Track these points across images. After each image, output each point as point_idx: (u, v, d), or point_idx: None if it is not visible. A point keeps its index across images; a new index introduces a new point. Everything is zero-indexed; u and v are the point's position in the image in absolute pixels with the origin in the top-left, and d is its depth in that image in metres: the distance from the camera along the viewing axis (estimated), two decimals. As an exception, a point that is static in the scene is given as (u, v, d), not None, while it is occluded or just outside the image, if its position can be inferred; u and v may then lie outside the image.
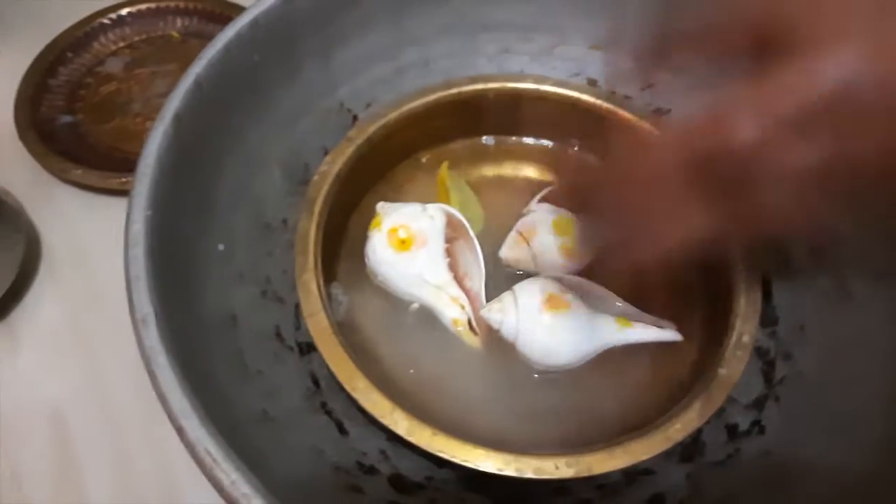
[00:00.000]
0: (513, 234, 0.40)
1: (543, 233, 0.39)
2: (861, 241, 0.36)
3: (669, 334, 0.37)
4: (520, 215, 0.41)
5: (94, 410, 0.41)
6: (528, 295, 0.36)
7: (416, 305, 0.39)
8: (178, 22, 0.59)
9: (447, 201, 0.41)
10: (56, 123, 0.52)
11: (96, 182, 0.48)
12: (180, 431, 0.26)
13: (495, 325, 0.36)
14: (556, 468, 0.30)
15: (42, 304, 0.46)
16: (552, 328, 0.35)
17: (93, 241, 0.48)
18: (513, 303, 0.36)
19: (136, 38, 0.59)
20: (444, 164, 0.43)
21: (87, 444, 0.40)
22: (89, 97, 0.55)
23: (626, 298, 0.39)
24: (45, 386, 0.42)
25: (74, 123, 0.53)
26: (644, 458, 0.31)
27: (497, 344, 0.38)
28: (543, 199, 0.41)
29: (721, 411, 0.36)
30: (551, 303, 0.35)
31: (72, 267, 0.47)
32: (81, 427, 0.41)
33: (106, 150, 0.52)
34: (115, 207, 0.48)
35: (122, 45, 0.58)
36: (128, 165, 0.49)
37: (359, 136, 0.40)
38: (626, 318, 0.37)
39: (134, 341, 0.28)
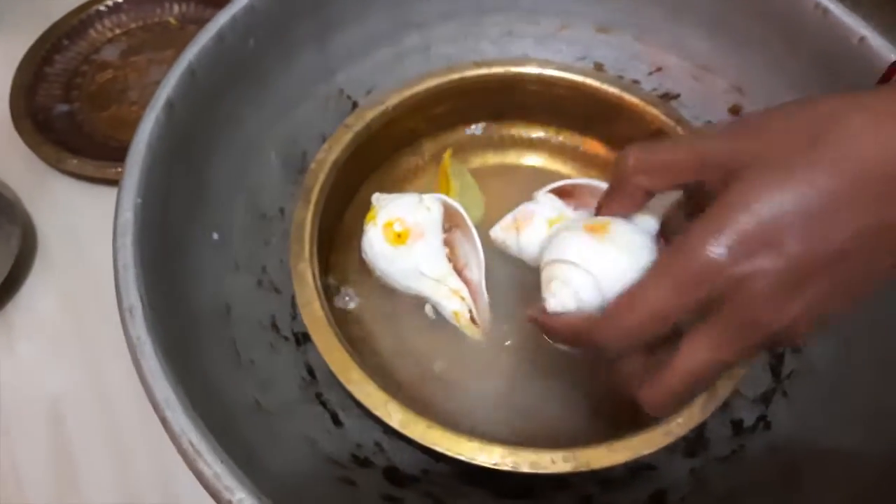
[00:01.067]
0: (508, 218, 0.38)
1: (537, 225, 0.37)
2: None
3: None
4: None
5: (91, 402, 0.41)
6: (576, 247, 0.29)
7: (410, 299, 0.38)
8: (175, 8, 0.58)
9: (447, 190, 0.41)
10: (52, 112, 0.52)
11: (92, 172, 0.48)
12: (164, 422, 0.25)
13: (573, 307, 0.28)
14: (553, 462, 0.30)
15: (38, 295, 0.45)
16: (620, 248, 0.28)
17: (89, 231, 0.47)
18: (573, 268, 0.28)
19: (133, 25, 0.58)
20: (448, 152, 0.42)
21: (84, 436, 0.40)
22: (85, 85, 0.54)
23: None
24: (41, 378, 0.42)
25: (70, 112, 0.52)
26: (645, 452, 0.30)
27: (498, 336, 0.37)
28: (553, 192, 0.39)
29: (726, 406, 0.35)
30: (592, 230, 0.29)
31: (68, 258, 0.47)
32: (78, 419, 0.41)
33: (102, 140, 0.51)
34: (111, 197, 0.46)
35: (118, 32, 0.57)
36: (124, 155, 0.48)
37: (357, 123, 0.40)
38: None
39: (131, 332, 0.27)
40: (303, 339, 0.37)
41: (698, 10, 0.41)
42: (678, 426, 0.30)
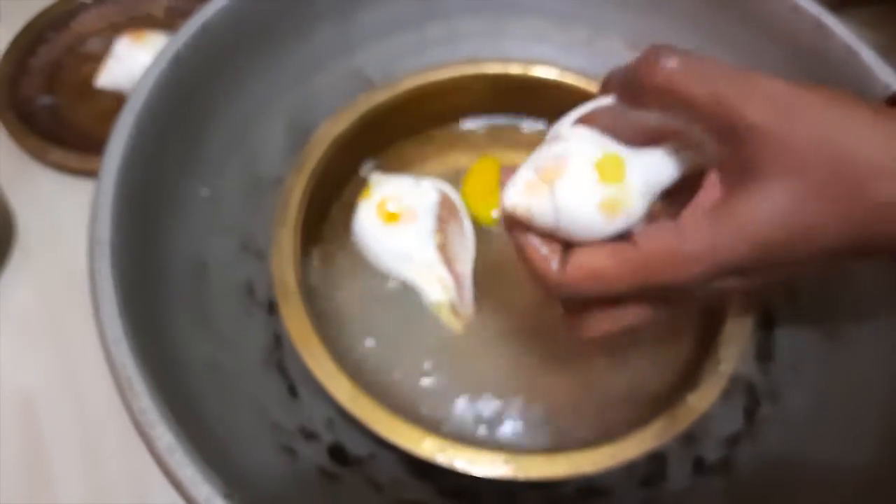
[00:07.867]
0: (525, 173, 0.25)
1: (578, 170, 0.24)
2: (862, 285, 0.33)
3: None
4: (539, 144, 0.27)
5: (64, 397, 0.40)
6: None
7: (393, 282, 0.38)
8: (163, 1, 0.57)
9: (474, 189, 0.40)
10: (35, 104, 0.51)
11: (75, 164, 0.47)
12: (107, 353, 0.26)
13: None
14: (492, 463, 0.29)
15: (15, 288, 0.44)
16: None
17: (70, 224, 0.45)
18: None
19: (119, 19, 0.56)
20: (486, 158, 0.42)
21: (56, 431, 0.39)
22: (70, 78, 0.53)
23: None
24: (15, 373, 0.41)
25: (54, 104, 0.51)
26: (588, 470, 0.29)
27: (478, 329, 0.37)
28: (583, 121, 0.26)
29: (693, 441, 0.33)
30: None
31: (47, 251, 0.45)
32: (51, 414, 0.40)
33: (86, 132, 0.50)
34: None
35: (104, 24, 0.56)
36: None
37: (366, 103, 0.40)
38: None
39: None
40: (275, 307, 0.37)
41: (733, 41, 0.40)
42: (628, 449, 0.29)
